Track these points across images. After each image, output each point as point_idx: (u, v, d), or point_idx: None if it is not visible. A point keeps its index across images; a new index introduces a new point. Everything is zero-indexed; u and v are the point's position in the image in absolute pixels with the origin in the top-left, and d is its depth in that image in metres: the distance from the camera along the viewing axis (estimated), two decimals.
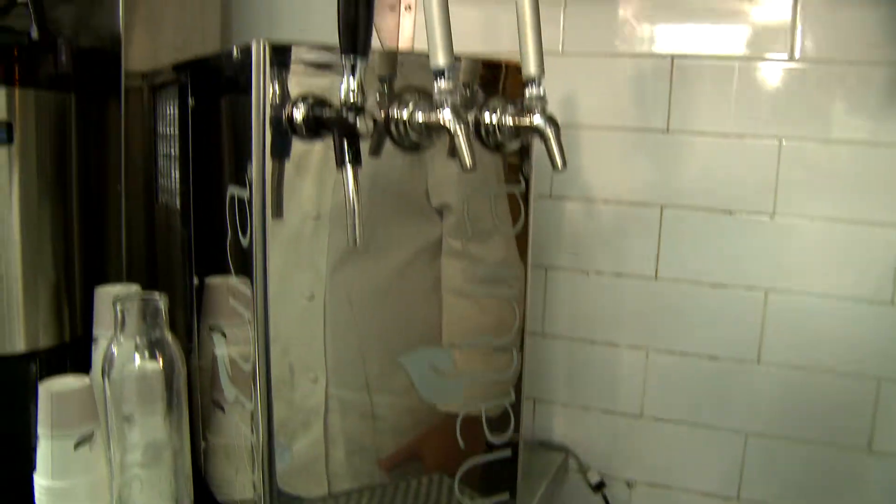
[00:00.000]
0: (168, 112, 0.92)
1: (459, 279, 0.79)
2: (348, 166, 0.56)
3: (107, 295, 0.87)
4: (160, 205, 1.00)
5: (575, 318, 1.14)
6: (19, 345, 0.90)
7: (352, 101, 0.56)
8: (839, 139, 0.97)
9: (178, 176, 0.88)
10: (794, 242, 1.01)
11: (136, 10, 1.00)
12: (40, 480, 0.76)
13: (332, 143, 0.61)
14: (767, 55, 1.00)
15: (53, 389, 0.76)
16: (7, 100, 0.85)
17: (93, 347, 0.88)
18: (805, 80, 0.98)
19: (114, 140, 0.99)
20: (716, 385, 1.07)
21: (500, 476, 0.85)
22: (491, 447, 0.83)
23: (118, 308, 0.71)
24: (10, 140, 0.85)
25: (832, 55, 0.97)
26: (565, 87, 1.07)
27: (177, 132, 0.86)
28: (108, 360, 0.74)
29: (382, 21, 1.13)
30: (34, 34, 0.88)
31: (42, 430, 0.76)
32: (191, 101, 0.80)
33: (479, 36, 1.11)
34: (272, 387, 0.68)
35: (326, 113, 0.59)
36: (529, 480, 0.99)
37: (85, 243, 0.98)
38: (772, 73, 1.00)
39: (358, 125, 0.54)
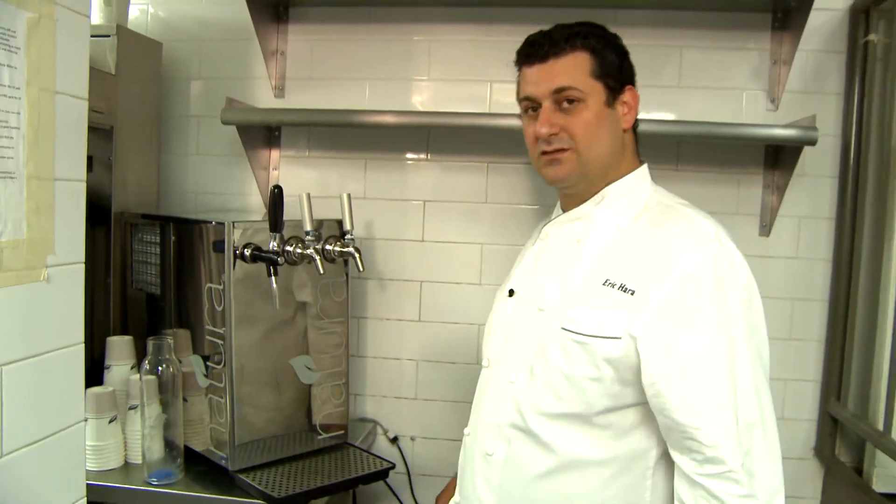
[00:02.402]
0: (145, 238, 1.65)
1: (317, 324, 1.58)
2: (272, 278, 1.36)
3: (115, 341, 1.58)
4: (133, 289, 1.72)
5: (377, 345, 1.95)
6: None
7: (275, 250, 1.36)
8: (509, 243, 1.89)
9: (156, 273, 1.61)
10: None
11: (115, 173, 1.72)
12: (89, 442, 1.45)
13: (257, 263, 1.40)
14: (468, 200, 1.89)
15: (94, 392, 1.46)
16: None
17: (105, 371, 1.58)
18: (494, 215, 1.89)
19: (105, 254, 1.71)
20: (462, 378, 1.91)
21: (339, 426, 1.64)
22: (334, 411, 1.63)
23: (151, 343, 1.44)
24: None
25: (505, 200, 1.88)
26: (368, 215, 1.91)
27: (158, 251, 1.60)
28: (143, 371, 1.45)
29: (261, 176, 1.91)
30: None
31: (89, 414, 1.45)
32: (173, 237, 1.55)
33: (315, 186, 1.88)
34: (234, 377, 1.44)
35: (260, 253, 1.38)
36: (353, 436, 1.76)
37: (92, 312, 1.67)
38: (474, 208, 1.90)
39: (279, 261, 1.34)
